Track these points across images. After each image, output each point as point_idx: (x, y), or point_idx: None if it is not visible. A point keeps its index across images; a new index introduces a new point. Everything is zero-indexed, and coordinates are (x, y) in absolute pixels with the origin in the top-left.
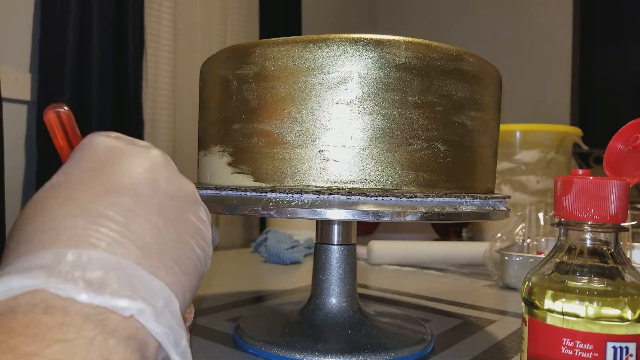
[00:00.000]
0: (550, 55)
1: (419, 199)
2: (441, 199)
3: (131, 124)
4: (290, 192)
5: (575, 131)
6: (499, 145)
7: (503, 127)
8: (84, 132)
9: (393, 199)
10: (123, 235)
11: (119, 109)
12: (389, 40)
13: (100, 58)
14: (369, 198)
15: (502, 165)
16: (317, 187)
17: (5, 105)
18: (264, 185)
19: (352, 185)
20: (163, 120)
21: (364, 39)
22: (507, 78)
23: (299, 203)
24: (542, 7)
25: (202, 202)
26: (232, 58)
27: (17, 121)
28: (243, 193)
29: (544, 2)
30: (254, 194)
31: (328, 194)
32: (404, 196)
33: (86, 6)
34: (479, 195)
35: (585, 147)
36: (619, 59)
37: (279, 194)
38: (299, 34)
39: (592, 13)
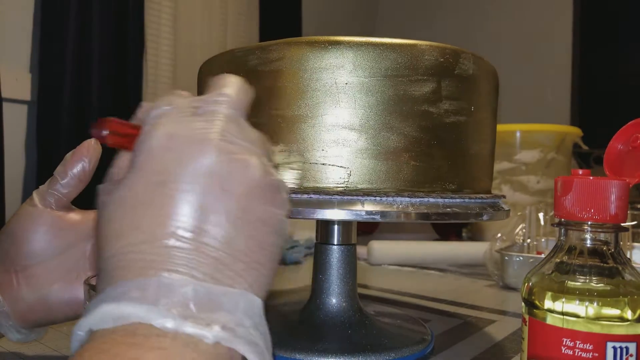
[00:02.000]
0: (551, 55)
1: (418, 199)
2: (441, 199)
3: None
4: (291, 192)
5: (576, 131)
6: (499, 145)
7: (503, 127)
8: (84, 132)
9: (393, 199)
10: (194, 254)
11: (119, 108)
12: (382, 43)
13: (100, 58)
14: (369, 198)
15: (502, 165)
16: (317, 187)
17: (5, 105)
18: None
19: (352, 186)
20: None
21: (362, 42)
22: (507, 78)
23: (299, 203)
24: (543, 6)
25: (281, 183)
26: (231, 62)
27: (17, 121)
28: None
29: (545, 2)
30: None
31: (328, 194)
32: (404, 196)
33: (86, 6)
34: (476, 195)
35: (585, 147)
36: (619, 59)
37: None
38: (299, 34)
39: (592, 13)
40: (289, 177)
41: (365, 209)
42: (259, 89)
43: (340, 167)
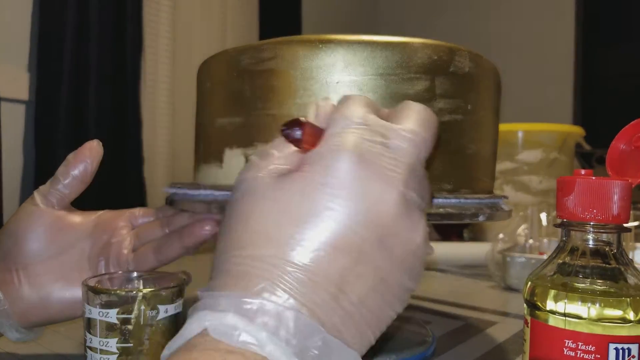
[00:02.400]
0: (553, 55)
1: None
2: (441, 200)
3: (129, 124)
4: None
5: (578, 131)
6: (501, 145)
7: (505, 127)
8: (83, 132)
9: None
10: (332, 303)
11: (117, 109)
12: (374, 42)
13: (98, 58)
14: None
15: (504, 165)
16: None
17: (3, 104)
18: None
19: None
20: (161, 120)
21: (354, 40)
22: (509, 78)
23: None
24: (545, 6)
25: (422, 245)
26: (230, 61)
27: (15, 121)
28: None
29: (547, 2)
30: None
31: None
32: None
33: (84, 6)
34: (473, 195)
35: (587, 147)
36: (622, 59)
37: None
38: (299, 34)
39: (594, 12)
40: None
41: None
42: (252, 89)
43: None
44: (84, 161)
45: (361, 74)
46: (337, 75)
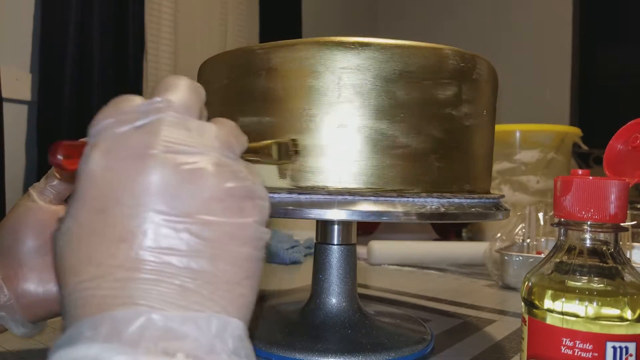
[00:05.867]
0: (550, 55)
1: (418, 199)
2: (440, 199)
3: None
4: (291, 192)
5: (575, 131)
6: (499, 145)
7: (503, 127)
8: (84, 133)
9: (393, 199)
10: (150, 283)
11: None
12: (377, 44)
13: (100, 58)
14: (369, 198)
15: (502, 165)
16: (317, 187)
17: (5, 105)
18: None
19: (352, 186)
20: None
21: (353, 42)
22: (507, 78)
23: (299, 203)
24: (543, 6)
25: (252, 186)
26: (230, 60)
27: (17, 121)
28: None
29: (544, 2)
30: None
31: (328, 194)
32: (404, 196)
33: (86, 6)
34: (475, 195)
35: (585, 147)
36: (619, 59)
37: (279, 194)
38: (299, 34)
39: (592, 13)
40: (287, 180)
41: (365, 209)
42: (257, 89)
43: (340, 165)
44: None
45: (367, 76)
46: (345, 76)
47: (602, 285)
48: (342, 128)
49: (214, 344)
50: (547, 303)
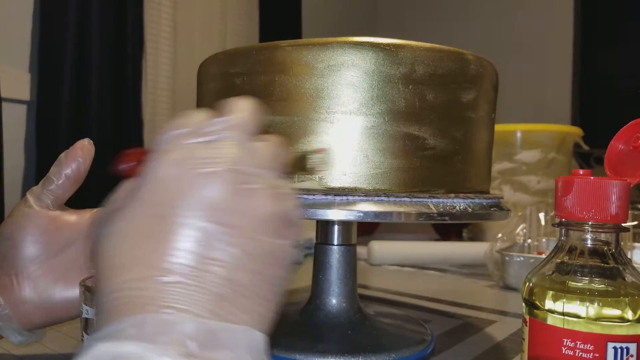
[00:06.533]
0: (551, 55)
1: (418, 200)
2: (441, 200)
3: (131, 124)
4: (326, 195)
5: (576, 131)
6: (500, 145)
7: (504, 127)
8: (84, 132)
9: (393, 199)
10: (194, 290)
11: (118, 109)
12: (382, 43)
13: (99, 58)
14: (369, 198)
15: (502, 165)
16: (317, 187)
17: (4, 105)
18: None
19: (352, 186)
20: (162, 120)
21: (362, 42)
22: (508, 78)
23: (299, 203)
24: (543, 7)
25: (292, 212)
26: (229, 60)
27: (16, 121)
28: None
29: (545, 2)
30: None
31: (328, 194)
32: (404, 197)
33: (85, 6)
34: (476, 195)
35: (586, 147)
36: (620, 59)
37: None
38: (299, 34)
39: (593, 13)
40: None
41: (365, 209)
42: (257, 89)
43: (340, 165)
44: (76, 160)
45: (369, 76)
46: (347, 76)
47: (603, 285)
48: (340, 129)
49: (244, 356)
50: (548, 303)
